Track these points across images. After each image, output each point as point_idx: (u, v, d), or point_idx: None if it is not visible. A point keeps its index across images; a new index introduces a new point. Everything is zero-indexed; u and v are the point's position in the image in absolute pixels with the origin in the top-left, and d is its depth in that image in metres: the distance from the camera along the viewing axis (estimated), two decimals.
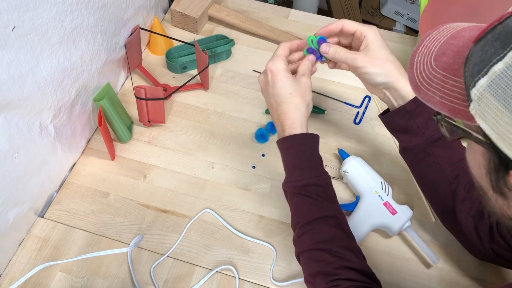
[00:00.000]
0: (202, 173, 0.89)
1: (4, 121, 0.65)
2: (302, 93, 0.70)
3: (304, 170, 0.69)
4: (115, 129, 0.89)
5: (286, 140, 0.70)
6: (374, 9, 1.98)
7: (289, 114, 0.70)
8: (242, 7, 1.17)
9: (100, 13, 0.81)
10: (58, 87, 0.75)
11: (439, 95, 0.43)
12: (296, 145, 0.69)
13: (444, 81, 0.43)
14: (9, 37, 0.60)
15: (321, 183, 0.68)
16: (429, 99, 0.45)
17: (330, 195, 0.69)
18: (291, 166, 0.70)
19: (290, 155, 0.70)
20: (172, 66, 1.02)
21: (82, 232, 0.82)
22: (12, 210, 0.74)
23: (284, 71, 0.70)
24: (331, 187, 0.70)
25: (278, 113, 0.71)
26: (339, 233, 0.66)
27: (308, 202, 0.67)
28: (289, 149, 0.70)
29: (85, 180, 0.88)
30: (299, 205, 0.68)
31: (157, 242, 0.81)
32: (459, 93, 0.41)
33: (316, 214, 0.66)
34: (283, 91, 0.70)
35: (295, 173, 0.69)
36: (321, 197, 0.67)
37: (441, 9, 0.92)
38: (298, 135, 0.69)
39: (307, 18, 1.15)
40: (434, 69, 0.45)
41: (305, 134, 0.70)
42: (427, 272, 0.80)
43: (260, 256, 0.80)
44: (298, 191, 0.68)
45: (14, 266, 0.77)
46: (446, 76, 0.43)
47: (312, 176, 0.68)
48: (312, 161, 0.70)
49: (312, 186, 0.68)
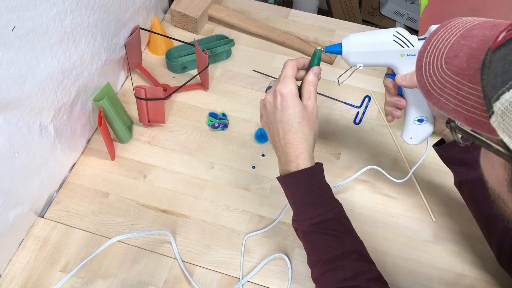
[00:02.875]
0: (202, 173, 0.89)
1: (4, 121, 0.65)
2: (311, 121, 0.64)
3: (316, 207, 0.63)
4: (115, 129, 0.89)
5: (292, 177, 0.63)
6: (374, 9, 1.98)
7: (297, 144, 0.63)
8: (242, 7, 1.17)
9: (100, 13, 0.81)
10: (58, 87, 0.75)
11: (453, 102, 0.41)
12: (305, 181, 0.63)
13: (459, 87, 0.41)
14: (9, 37, 0.60)
15: (335, 216, 0.63)
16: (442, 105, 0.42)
17: (346, 226, 0.64)
18: (301, 204, 0.64)
19: (298, 192, 0.64)
20: (172, 66, 1.02)
21: (82, 232, 0.82)
22: (12, 210, 0.74)
23: (296, 96, 0.63)
24: (345, 216, 0.65)
25: (284, 142, 0.64)
26: (363, 266, 0.62)
27: (325, 239, 0.63)
28: (297, 186, 0.64)
29: (85, 180, 0.88)
30: (316, 244, 0.64)
31: (157, 242, 0.81)
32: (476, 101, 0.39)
33: (336, 250, 0.62)
34: (292, 119, 0.62)
35: (307, 211, 0.63)
36: (337, 231, 0.63)
37: (441, 9, 0.92)
38: (306, 170, 0.63)
39: (307, 18, 1.15)
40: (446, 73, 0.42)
41: (312, 167, 0.64)
42: (427, 272, 0.80)
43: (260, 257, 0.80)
44: (313, 229, 0.63)
45: (14, 266, 0.77)
46: (460, 81, 0.41)
47: (325, 211, 0.63)
48: (322, 195, 0.64)
49: (327, 222, 0.63)
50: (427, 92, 0.44)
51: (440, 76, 0.43)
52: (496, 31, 0.41)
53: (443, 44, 0.44)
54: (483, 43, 0.41)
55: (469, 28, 0.44)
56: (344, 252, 0.62)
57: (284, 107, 0.62)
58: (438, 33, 0.46)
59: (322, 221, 0.63)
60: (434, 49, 0.45)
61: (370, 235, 0.83)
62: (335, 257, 0.62)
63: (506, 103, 0.35)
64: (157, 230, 0.82)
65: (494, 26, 0.43)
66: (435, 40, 0.46)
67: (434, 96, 0.43)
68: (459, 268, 0.80)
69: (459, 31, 0.44)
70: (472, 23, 0.45)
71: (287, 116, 0.62)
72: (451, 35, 0.45)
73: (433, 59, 0.44)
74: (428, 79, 0.44)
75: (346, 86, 1.02)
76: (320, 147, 0.93)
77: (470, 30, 0.43)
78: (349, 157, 0.92)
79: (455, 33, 0.44)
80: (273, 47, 1.09)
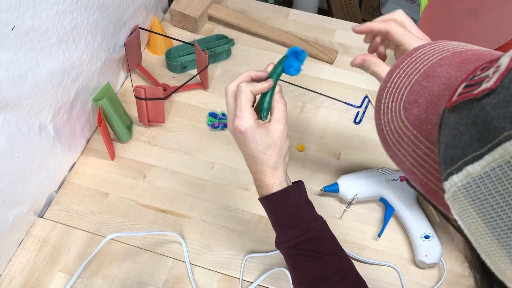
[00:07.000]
0: (202, 173, 0.89)
1: (4, 121, 0.65)
2: (277, 147, 0.61)
3: (294, 228, 0.61)
4: (115, 129, 0.89)
5: (267, 200, 0.62)
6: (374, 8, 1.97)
7: (265, 173, 0.61)
8: (242, 6, 1.17)
9: (99, 13, 0.81)
10: (57, 87, 0.75)
11: (410, 161, 0.36)
12: (278, 203, 0.61)
13: (416, 144, 0.35)
14: (8, 37, 0.60)
15: (315, 236, 0.61)
16: (399, 161, 0.37)
17: (328, 245, 0.62)
18: (278, 226, 0.63)
19: (274, 214, 0.62)
20: (171, 66, 1.02)
21: (82, 232, 0.81)
22: (11, 210, 0.74)
23: (254, 129, 0.59)
24: (328, 235, 0.63)
25: (253, 170, 0.63)
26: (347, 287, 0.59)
27: (305, 261, 0.60)
28: (272, 208, 0.62)
29: (85, 180, 0.88)
30: (297, 266, 0.62)
31: (157, 242, 0.81)
32: (433, 166, 0.34)
33: (317, 271, 0.60)
34: (257, 152, 0.60)
35: (285, 233, 0.61)
36: (318, 251, 0.60)
37: (441, 9, 0.92)
38: (278, 192, 0.61)
39: (307, 18, 1.15)
40: (403, 122, 0.37)
41: (285, 189, 0.61)
42: (427, 273, 0.79)
43: None
44: (292, 251, 0.61)
45: (13, 266, 0.77)
46: (417, 137, 0.35)
47: (303, 232, 0.60)
48: (299, 216, 0.61)
49: (305, 243, 0.60)
50: (384, 141, 0.38)
51: (398, 126, 0.37)
52: (462, 71, 0.36)
53: (403, 83, 0.39)
54: (445, 87, 0.35)
55: (434, 64, 0.38)
56: (326, 273, 0.59)
57: (246, 142, 0.60)
58: (401, 66, 0.40)
59: (300, 243, 0.60)
60: (394, 87, 0.39)
61: (368, 240, 0.82)
62: (316, 278, 0.60)
63: (455, 186, 0.29)
64: (163, 232, 0.82)
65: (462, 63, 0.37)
66: (396, 75, 0.40)
67: (391, 149, 0.37)
68: (460, 269, 0.80)
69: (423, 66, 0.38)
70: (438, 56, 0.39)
71: (251, 150, 0.60)
72: (414, 71, 0.39)
73: (392, 101, 0.39)
74: (386, 126, 0.38)
75: (346, 86, 1.02)
76: (320, 147, 0.93)
77: (435, 67, 0.38)
78: (349, 157, 0.92)
79: (418, 69, 0.39)
80: (273, 47, 1.09)
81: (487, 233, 0.28)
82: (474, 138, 0.28)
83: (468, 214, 0.29)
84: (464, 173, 0.29)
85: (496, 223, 0.27)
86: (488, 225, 0.28)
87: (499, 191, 0.27)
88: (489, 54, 0.37)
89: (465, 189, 0.29)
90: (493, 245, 0.28)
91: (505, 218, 0.26)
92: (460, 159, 0.29)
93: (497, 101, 0.27)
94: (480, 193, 0.28)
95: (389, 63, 0.57)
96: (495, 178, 0.27)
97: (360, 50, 1.08)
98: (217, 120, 0.95)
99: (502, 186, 0.26)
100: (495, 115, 0.27)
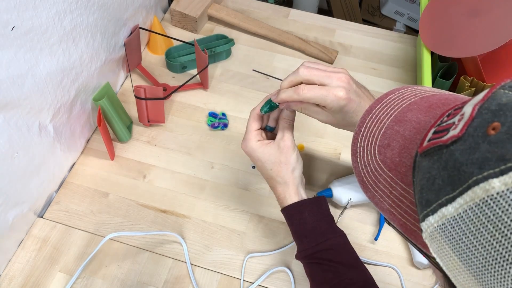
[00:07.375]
0: (202, 173, 0.89)
1: (3, 121, 0.65)
2: (282, 163, 0.65)
3: (310, 238, 0.64)
4: (115, 129, 0.89)
5: (284, 211, 0.67)
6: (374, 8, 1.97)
7: (276, 188, 0.67)
8: (242, 6, 1.16)
9: (99, 12, 0.81)
10: (57, 86, 0.75)
11: (387, 202, 0.37)
12: (295, 213, 0.65)
13: (392, 186, 0.37)
14: (8, 37, 0.60)
15: (331, 246, 0.63)
16: (377, 202, 0.38)
17: (344, 257, 0.63)
18: (296, 236, 0.66)
19: (292, 225, 0.66)
20: (171, 66, 1.02)
21: (82, 232, 0.81)
22: (11, 210, 0.73)
23: (257, 149, 0.66)
24: (345, 247, 0.65)
25: (269, 185, 0.69)
26: None
27: (321, 269, 0.63)
28: (289, 219, 0.66)
29: (85, 180, 0.88)
30: (314, 275, 0.64)
31: (157, 242, 0.81)
32: (409, 207, 0.36)
33: (332, 280, 0.62)
34: (264, 170, 0.67)
35: (302, 243, 0.65)
36: (334, 261, 0.62)
37: (441, 9, 0.92)
38: (294, 204, 0.65)
39: (307, 18, 1.15)
40: (379, 165, 0.38)
41: (301, 201, 0.65)
42: (427, 273, 0.79)
43: None
44: (309, 260, 0.64)
45: (13, 267, 0.77)
46: (393, 179, 0.37)
47: (319, 242, 0.63)
48: (316, 227, 0.64)
49: (321, 252, 0.63)
50: (362, 183, 0.40)
51: (374, 168, 0.39)
52: (430, 116, 0.38)
53: (376, 127, 0.40)
54: (416, 131, 0.37)
55: (404, 109, 0.40)
56: (341, 282, 0.61)
57: (254, 161, 0.67)
58: (373, 112, 0.42)
59: (316, 252, 0.63)
60: (368, 132, 0.41)
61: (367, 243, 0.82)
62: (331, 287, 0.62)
63: (431, 227, 0.31)
64: (163, 232, 0.82)
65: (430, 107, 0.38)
66: (370, 120, 0.41)
67: (370, 190, 0.39)
68: None
69: (394, 112, 0.40)
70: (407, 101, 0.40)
71: (259, 168, 0.68)
72: (386, 116, 0.40)
73: (367, 145, 0.40)
74: (363, 168, 0.40)
75: None
76: (320, 147, 0.93)
77: (405, 112, 0.39)
78: (349, 157, 0.92)
79: (390, 114, 0.40)
80: (273, 47, 1.09)
81: (464, 271, 0.29)
82: (446, 182, 0.30)
83: (445, 252, 0.31)
84: (440, 214, 0.30)
85: (471, 261, 0.29)
86: (464, 263, 0.29)
87: (471, 231, 0.28)
88: (453, 99, 0.39)
89: (441, 230, 0.30)
90: (470, 282, 0.29)
91: (479, 256, 0.28)
92: (435, 201, 0.31)
93: (464, 148, 0.29)
94: (455, 233, 0.29)
95: None
96: (468, 220, 0.28)
97: (360, 50, 1.08)
98: (217, 120, 0.95)
99: (474, 226, 0.28)
100: (464, 161, 0.29)
